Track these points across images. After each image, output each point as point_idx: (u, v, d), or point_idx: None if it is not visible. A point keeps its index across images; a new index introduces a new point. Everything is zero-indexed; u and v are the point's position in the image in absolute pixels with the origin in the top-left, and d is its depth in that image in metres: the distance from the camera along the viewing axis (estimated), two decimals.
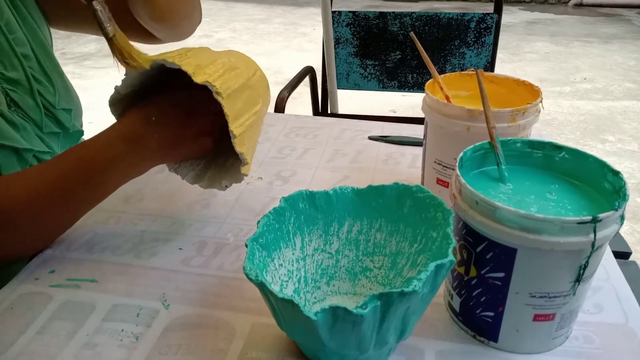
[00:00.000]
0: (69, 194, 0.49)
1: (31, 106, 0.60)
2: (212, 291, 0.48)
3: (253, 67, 0.56)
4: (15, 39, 0.58)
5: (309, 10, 5.07)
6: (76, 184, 0.49)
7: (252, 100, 0.53)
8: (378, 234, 0.46)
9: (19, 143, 0.57)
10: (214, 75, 0.47)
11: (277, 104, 1.26)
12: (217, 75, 0.48)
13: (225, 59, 0.51)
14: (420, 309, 0.37)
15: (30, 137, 0.59)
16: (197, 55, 0.50)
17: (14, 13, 0.59)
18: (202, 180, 0.56)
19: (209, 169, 0.57)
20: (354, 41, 1.42)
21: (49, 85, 0.62)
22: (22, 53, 0.59)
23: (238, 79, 0.50)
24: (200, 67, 0.47)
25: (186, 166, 0.57)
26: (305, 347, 0.39)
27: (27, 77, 0.59)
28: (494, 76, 0.60)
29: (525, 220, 0.34)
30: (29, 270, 0.51)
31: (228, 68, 0.50)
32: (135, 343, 0.42)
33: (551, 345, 0.41)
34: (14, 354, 0.41)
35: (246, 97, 0.52)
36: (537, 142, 0.44)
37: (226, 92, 0.47)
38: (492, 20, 1.32)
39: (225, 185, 0.54)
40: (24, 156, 0.58)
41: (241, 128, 0.49)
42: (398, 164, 0.70)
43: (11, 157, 0.56)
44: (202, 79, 0.46)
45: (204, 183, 0.56)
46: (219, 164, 0.57)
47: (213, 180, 0.56)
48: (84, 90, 0.89)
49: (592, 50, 3.74)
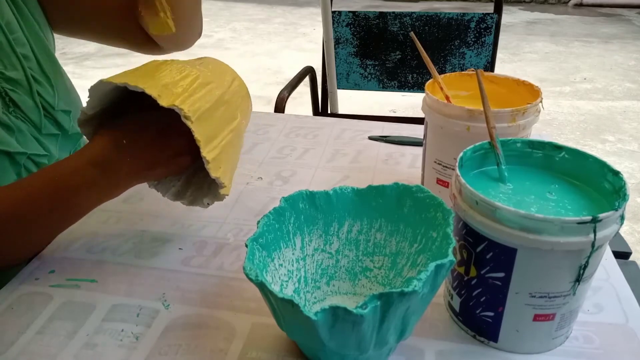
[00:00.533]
0: (37, 217, 0.47)
1: (30, 107, 0.60)
2: (212, 291, 0.48)
3: (229, 78, 0.53)
4: (15, 39, 0.58)
5: (309, 10, 5.07)
6: (45, 208, 0.47)
7: (228, 117, 0.50)
8: (378, 234, 0.46)
9: (12, 147, 0.56)
10: (182, 96, 0.45)
11: (277, 104, 1.26)
12: (186, 96, 0.45)
13: (197, 73, 0.49)
14: (420, 309, 0.37)
15: (27, 139, 0.59)
16: (168, 70, 0.47)
17: (15, 13, 0.59)
18: (183, 198, 0.55)
19: (190, 184, 0.56)
20: (354, 41, 1.42)
21: (49, 86, 0.62)
22: (22, 53, 0.59)
23: (211, 95, 0.48)
24: (167, 87, 0.45)
25: (165, 182, 0.56)
26: (305, 347, 0.39)
27: (26, 77, 0.59)
28: (494, 76, 0.60)
29: (525, 220, 0.34)
30: (29, 270, 0.51)
31: (199, 84, 0.47)
32: (135, 343, 0.42)
33: (551, 345, 0.41)
34: (14, 354, 0.41)
35: (220, 115, 0.49)
36: (537, 142, 0.44)
37: (196, 114, 0.45)
38: (492, 20, 1.32)
39: (207, 203, 0.52)
40: (17, 159, 0.57)
41: (215, 150, 0.47)
42: (398, 164, 0.70)
43: (3, 160, 0.56)
44: (168, 101, 0.43)
45: (185, 201, 0.54)
46: (200, 178, 0.56)
47: (195, 198, 0.54)
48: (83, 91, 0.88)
49: (592, 50, 3.74)
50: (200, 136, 0.45)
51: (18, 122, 0.58)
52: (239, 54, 3.80)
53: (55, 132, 0.63)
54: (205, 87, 0.48)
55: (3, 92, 0.57)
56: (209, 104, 0.47)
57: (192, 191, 0.55)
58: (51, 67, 0.63)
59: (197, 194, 0.54)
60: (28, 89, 0.60)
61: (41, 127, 0.61)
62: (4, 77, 0.57)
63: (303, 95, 1.56)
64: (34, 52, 0.61)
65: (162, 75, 0.46)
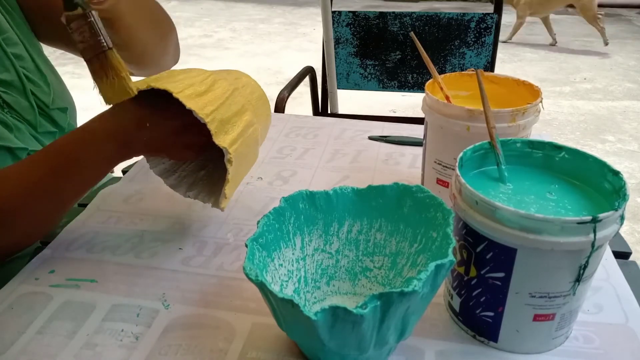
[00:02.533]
0: (55, 190, 0.49)
1: (25, 107, 0.60)
2: (212, 291, 0.48)
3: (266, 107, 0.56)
4: (6, 39, 0.58)
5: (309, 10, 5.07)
6: (60, 180, 0.48)
7: (254, 158, 0.54)
8: (378, 234, 0.46)
9: (12, 142, 0.57)
10: (231, 135, 0.47)
11: (277, 104, 1.26)
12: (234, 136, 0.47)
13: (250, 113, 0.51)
14: (420, 309, 0.37)
15: (25, 137, 0.59)
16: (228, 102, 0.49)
17: (3, 13, 0.59)
18: (168, 178, 0.57)
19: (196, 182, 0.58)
20: (354, 41, 1.42)
21: (44, 85, 0.62)
22: (14, 53, 0.59)
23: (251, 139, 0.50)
24: (223, 122, 0.47)
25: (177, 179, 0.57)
26: (305, 347, 0.39)
27: (19, 77, 0.59)
28: (494, 76, 0.60)
29: (525, 220, 0.34)
30: (29, 270, 0.51)
31: (246, 125, 0.50)
32: (135, 343, 0.42)
33: (551, 345, 0.41)
34: (14, 354, 0.41)
35: (250, 158, 0.52)
36: (537, 142, 0.44)
37: (237, 159, 0.47)
38: (492, 20, 1.32)
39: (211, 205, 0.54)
40: (19, 155, 0.57)
41: (233, 189, 0.50)
42: (398, 164, 0.70)
43: (5, 156, 0.56)
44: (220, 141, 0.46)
45: (170, 182, 0.57)
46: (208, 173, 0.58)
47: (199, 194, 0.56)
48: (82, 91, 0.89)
49: (592, 50, 3.74)
50: (231, 177, 0.47)
51: (15, 122, 0.58)
52: (239, 54, 3.80)
53: (52, 130, 0.63)
54: (249, 128, 0.50)
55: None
56: (249, 149, 0.50)
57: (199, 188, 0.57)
58: (45, 65, 0.63)
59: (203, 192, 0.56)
60: (22, 90, 0.59)
61: (37, 126, 0.61)
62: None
63: (303, 95, 1.56)
64: (28, 50, 0.60)
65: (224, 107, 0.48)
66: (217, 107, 0.47)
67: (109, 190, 0.65)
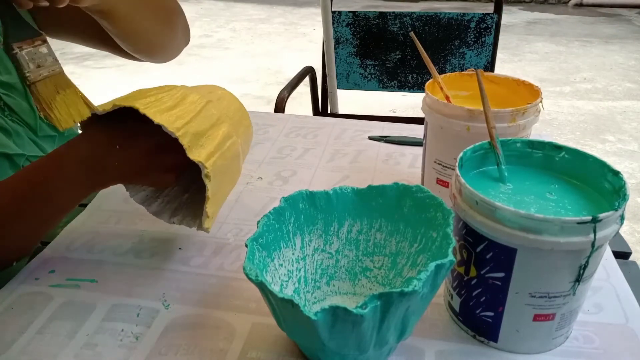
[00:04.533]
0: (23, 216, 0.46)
1: (25, 110, 0.60)
2: (212, 291, 0.48)
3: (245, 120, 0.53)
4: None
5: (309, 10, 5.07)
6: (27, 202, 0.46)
7: (236, 173, 0.51)
8: (378, 234, 0.46)
9: (10, 149, 0.56)
10: (207, 149, 0.44)
11: (277, 104, 1.25)
12: (211, 150, 0.44)
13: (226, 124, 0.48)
14: (420, 309, 0.37)
15: (23, 141, 0.59)
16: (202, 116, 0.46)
17: None
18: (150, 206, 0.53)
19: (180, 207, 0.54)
20: (354, 41, 1.42)
21: None
22: None
23: (230, 152, 0.47)
24: (197, 136, 0.44)
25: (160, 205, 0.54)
26: (305, 347, 0.39)
27: (21, 80, 0.58)
28: (494, 76, 0.60)
29: (525, 220, 0.34)
30: (29, 270, 0.51)
31: (223, 137, 0.47)
32: (135, 343, 0.42)
33: (551, 345, 0.41)
34: (14, 354, 0.41)
35: (233, 173, 0.49)
36: (537, 142, 0.44)
37: (215, 172, 0.44)
38: (492, 20, 1.32)
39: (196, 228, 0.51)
40: (16, 161, 0.57)
41: (216, 207, 0.47)
42: (398, 164, 0.70)
43: (3, 163, 0.56)
44: (195, 155, 0.43)
45: (151, 209, 0.53)
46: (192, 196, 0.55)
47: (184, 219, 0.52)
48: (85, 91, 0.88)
49: (592, 50, 3.74)
50: (211, 192, 0.45)
51: (14, 125, 0.58)
52: (239, 54, 3.80)
53: (51, 134, 0.63)
54: (228, 141, 0.47)
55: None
56: (228, 161, 0.47)
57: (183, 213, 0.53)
58: None
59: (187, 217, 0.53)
60: (23, 92, 0.59)
61: (37, 129, 0.61)
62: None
63: (303, 95, 1.56)
64: None
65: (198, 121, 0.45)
66: (189, 120, 0.44)
67: (109, 190, 0.65)
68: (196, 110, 0.46)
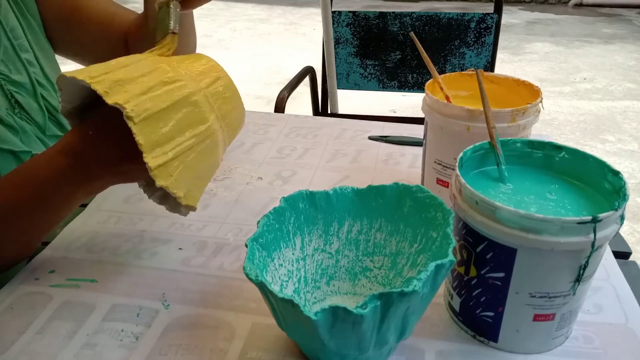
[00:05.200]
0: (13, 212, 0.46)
1: (35, 109, 0.61)
2: (212, 291, 0.48)
3: (209, 78, 0.47)
4: (20, 44, 0.60)
5: (309, 10, 5.06)
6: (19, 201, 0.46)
7: (194, 120, 0.44)
8: (378, 234, 0.46)
9: (16, 146, 0.57)
10: (132, 92, 0.41)
11: (277, 104, 1.25)
12: (137, 93, 0.41)
13: (166, 69, 0.44)
14: (420, 309, 0.37)
15: (30, 139, 0.60)
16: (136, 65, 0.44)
17: (20, 21, 0.61)
18: (167, 203, 0.50)
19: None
20: (354, 41, 1.42)
21: (52, 90, 0.64)
22: (26, 59, 0.61)
23: (169, 95, 0.43)
24: (120, 82, 0.41)
25: (152, 185, 0.51)
26: (305, 347, 0.39)
27: (31, 80, 0.61)
28: (494, 76, 0.60)
29: (525, 220, 0.34)
30: (29, 270, 0.51)
31: (160, 82, 0.43)
32: (135, 343, 0.42)
33: (551, 345, 0.41)
34: (14, 354, 0.41)
35: (181, 117, 0.43)
36: (537, 142, 0.44)
37: (142, 115, 0.40)
38: (492, 20, 1.32)
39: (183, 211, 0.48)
40: (22, 158, 0.58)
41: (165, 156, 0.41)
42: (398, 164, 0.70)
43: (9, 160, 0.57)
44: (114, 99, 0.40)
45: (168, 206, 0.50)
46: None
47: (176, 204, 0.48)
48: None
49: (592, 50, 3.74)
50: (143, 139, 0.40)
51: (22, 123, 0.60)
52: (239, 54, 3.80)
53: (58, 134, 0.65)
54: (167, 86, 0.43)
55: (9, 94, 0.58)
56: (165, 104, 0.42)
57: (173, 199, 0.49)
58: (54, 73, 0.64)
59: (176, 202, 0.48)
60: (32, 92, 0.61)
61: (45, 128, 0.63)
62: (9, 80, 0.58)
63: (303, 95, 1.56)
64: (37, 58, 0.63)
65: (126, 70, 0.42)
66: (112, 70, 0.41)
67: (109, 190, 0.65)
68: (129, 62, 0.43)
